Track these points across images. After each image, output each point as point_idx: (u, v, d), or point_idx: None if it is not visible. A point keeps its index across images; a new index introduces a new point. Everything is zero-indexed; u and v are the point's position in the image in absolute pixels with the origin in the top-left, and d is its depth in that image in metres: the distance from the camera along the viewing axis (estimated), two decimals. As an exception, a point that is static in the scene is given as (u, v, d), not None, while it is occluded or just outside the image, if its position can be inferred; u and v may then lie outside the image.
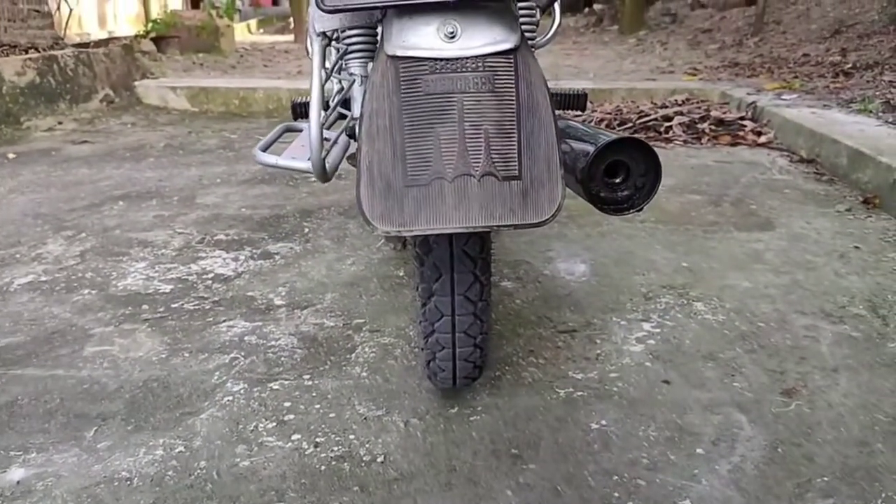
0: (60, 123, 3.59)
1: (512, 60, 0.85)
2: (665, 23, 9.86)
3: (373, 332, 1.53)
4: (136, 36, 6.93)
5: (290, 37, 10.61)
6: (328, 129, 1.24)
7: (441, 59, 0.84)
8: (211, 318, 1.61)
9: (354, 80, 1.20)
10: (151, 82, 4.17)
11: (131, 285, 1.81)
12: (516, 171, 0.85)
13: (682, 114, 3.43)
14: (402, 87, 0.84)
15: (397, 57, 0.84)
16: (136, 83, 4.12)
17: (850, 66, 4.62)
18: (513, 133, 0.85)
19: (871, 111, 3.20)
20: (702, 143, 3.20)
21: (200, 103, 4.09)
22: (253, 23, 13.29)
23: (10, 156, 3.18)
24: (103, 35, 7.74)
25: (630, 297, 1.68)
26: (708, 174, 2.71)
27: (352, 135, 1.26)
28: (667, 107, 3.63)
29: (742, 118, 3.40)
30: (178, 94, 4.08)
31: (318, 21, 0.94)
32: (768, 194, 2.43)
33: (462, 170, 0.83)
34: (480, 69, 0.84)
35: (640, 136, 3.30)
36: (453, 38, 0.84)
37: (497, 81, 0.84)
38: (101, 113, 3.83)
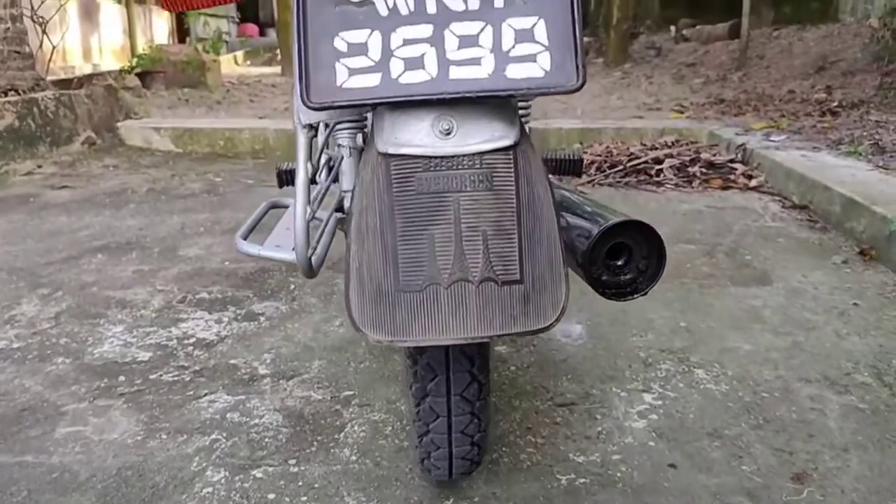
0: (40, 167, 3.51)
1: (511, 156, 0.80)
2: (650, 56, 9.96)
3: (362, 407, 1.46)
4: (120, 71, 6.89)
5: (277, 69, 10.59)
6: (317, 205, 1.18)
7: (436, 157, 0.78)
8: (191, 392, 1.53)
9: (342, 155, 1.15)
10: (135, 123, 4.10)
11: (107, 353, 1.73)
12: (517, 275, 0.79)
13: (672, 156, 3.41)
14: (395, 185, 0.78)
15: (389, 154, 0.79)
16: (119, 124, 4.06)
17: (836, 104, 4.65)
18: (513, 233, 0.79)
19: (860, 153, 3.19)
20: (693, 187, 3.17)
21: (185, 144, 4.02)
22: (240, 54, 13.28)
23: (-13, 203, 3.10)
24: (88, 68, 7.69)
25: (629, 363, 1.62)
26: (700, 221, 2.67)
27: (340, 209, 1.20)
28: (657, 148, 3.61)
29: (732, 161, 3.38)
30: (161, 136, 4.02)
31: (304, 114, 0.88)
32: (762, 244, 2.40)
33: (459, 275, 0.77)
34: (478, 167, 0.79)
35: (631, 178, 3.28)
36: (449, 134, 0.79)
37: (496, 179, 0.79)
38: (83, 156, 3.76)
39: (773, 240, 2.44)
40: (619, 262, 1.04)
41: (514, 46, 0.76)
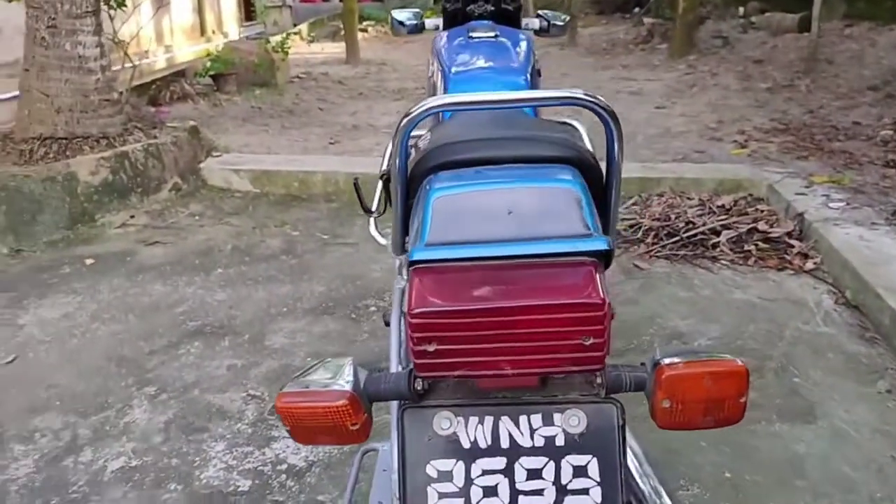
0: (132, 217, 3.80)
1: None
2: (716, 46, 9.73)
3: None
4: (196, 74, 7.17)
5: (341, 48, 10.64)
6: None
7: None
8: (289, 538, 1.78)
9: None
10: (216, 164, 4.36)
11: (212, 478, 1.99)
12: None
13: (728, 227, 3.49)
14: None
15: None
16: (202, 165, 4.32)
17: (902, 148, 4.60)
18: None
19: (921, 232, 3.23)
20: (748, 265, 3.26)
21: (262, 185, 4.27)
22: (304, 28, 13.42)
23: (88, 261, 3.41)
24: (161, 52, 7.98)
25: (674, 526, 1.80)
26: (753, 320, 2.78)
27: None
28: (714, 212, 3.69)
29: (789, 234, 3.44)
30: (241, 177, 4.27)
31: None
32: (812, 360, 2.50)
33: None
34: None
35: (687, 251, 3.38)
36: None
37: None
38: (170, 202, 4.04)
39: (822, 354, 2.54)
40: None
41: (571, 480, 0.94)
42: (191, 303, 3.01)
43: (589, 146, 1.87)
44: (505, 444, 0.95)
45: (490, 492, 0.94)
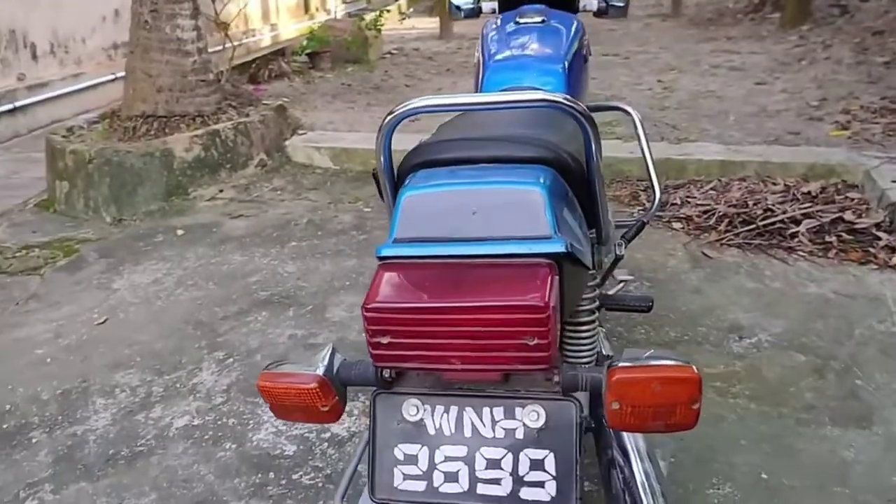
0: (221, 191, 4.05)
1: None
2: (833, 16, 9.10)
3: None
4: (293, 53, 7.44)
5: (435, 23, 10.68)
6: None
7: None
8: (321, 503, 1.90)
9: None
10: (299, 141, 4.55)
11: (263, 441, 2.14)
12: None
13: (810, 216, 3.32)
14: None
15: None
16: (287, 142, 4.53)
17: None
18: None
19: None
20: (828, 258, 3.09)
21: (341, 162, 4.43)
22: (403, 2, 13.54)
23: (179, 232, 3.67)
24: (266, 30, 8.34)
25: (699, 523, 1.79)
26: (823, 316, 2.66)
27: None
28: (797, 199, 3.51)
29: (878, 225, 3.24)
30: (322, 154, 4.45)
31: None
32: (879, 362, 2.38)
33: None
34: None
35: (763, 240, 3.25)
36: None
37: None
38: (256, 177, 4.27)
39: (893, 356, 2.41)
40: None
41: (528, 472, 0.98)
42: (264, 273, 3.19)
43: (641, 132, 1.86)
44: (468, 433, 1.00)
45: (451, 477, 1.00)
